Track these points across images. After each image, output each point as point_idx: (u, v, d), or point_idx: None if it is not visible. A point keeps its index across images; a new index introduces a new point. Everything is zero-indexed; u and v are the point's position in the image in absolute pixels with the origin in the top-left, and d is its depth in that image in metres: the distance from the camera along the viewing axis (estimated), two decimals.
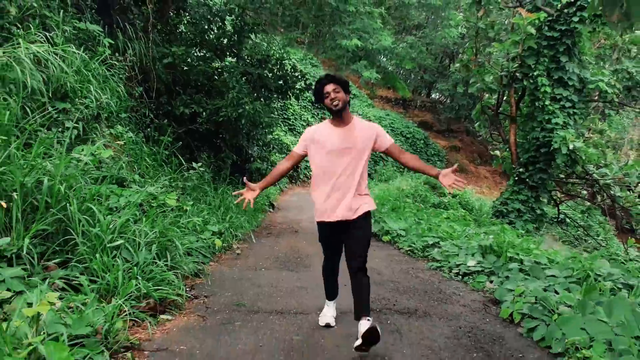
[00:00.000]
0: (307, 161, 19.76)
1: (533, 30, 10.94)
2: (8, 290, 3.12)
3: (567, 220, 14.75)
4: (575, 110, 11.10)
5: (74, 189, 4.11)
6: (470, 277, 5.30)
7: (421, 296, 4.62)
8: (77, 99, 5.82)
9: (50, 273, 3.53)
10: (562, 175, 12.66)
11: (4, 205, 3.53)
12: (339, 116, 3.30)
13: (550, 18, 10.98)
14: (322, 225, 3.43)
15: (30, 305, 2.83)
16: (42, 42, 5.61)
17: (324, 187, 3.32)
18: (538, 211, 11.40)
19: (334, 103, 3.24)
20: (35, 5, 5.90)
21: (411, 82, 35.34)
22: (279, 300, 4.25)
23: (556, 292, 4.03)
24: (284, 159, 3.53)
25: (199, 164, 7.70)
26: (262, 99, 10.48)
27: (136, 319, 3.36)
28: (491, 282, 4.95)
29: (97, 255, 3.62)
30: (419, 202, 15.68)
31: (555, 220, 14.71)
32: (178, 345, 3.15)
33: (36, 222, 3.64)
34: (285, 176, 3.51)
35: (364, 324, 3.05)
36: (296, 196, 17.54)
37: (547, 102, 10.87)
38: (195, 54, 9.83)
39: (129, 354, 2.88)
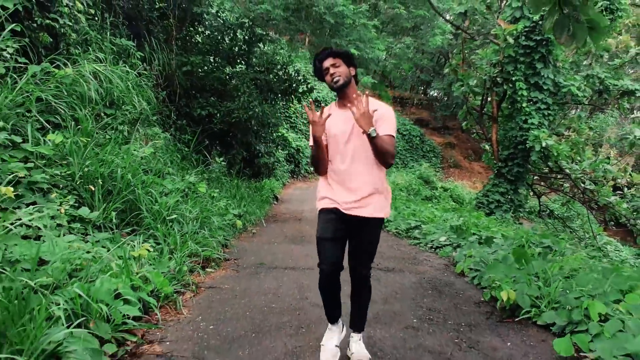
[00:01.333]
0: (308, 155, 21.23)
1: (511, 40, 12.32)
2: (103, 247, 4.52)
3: (548, 211, 16.17)
4: (549, 112, 12.51)
5: (136, 177, 5.51)
6: (441, 249, 6.72)
7: (399, 261, 6.05)
8: (122, 106, 7.22)
9: (124, 238, 4.94)
10: (545, 170, 14.05)
11: (92, 188, 4.94)
12: (343, 94, 2.89)
13: (526, 29, 12.36)
14: (327, 211, 2.89)
15: (120, 257, 4.22)
16: (94, 60, 7.01)
17: (331, 178, 2.93)
18: (516, 202, 12.83)
19: (334, 79, 2.83)
20: (91, 32, 7.30)
21: (408, 81, 36.73)
22: (290, 262, 5.67)
23: None
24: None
25: (221, 158, 9.10)
26: (269, 102, 11.86)
27: (191, 270, 4.76)
28: (455, 251, 6.36)
29: (159, 226, 5.02)
30: (412, 195, 17.13)
31: (541, 212, 16.15)
32: (223, 285, 4.56)
33: (112, 201, 5.04)
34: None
35: (358, 349, 3.01)
36: (298, 190, 18.96)
37: (524, 105, 12.28)
38: (210, 62, 11.20)
39: (193, 287, 4.29)
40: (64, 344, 2.40)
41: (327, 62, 2.85)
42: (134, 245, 4.32)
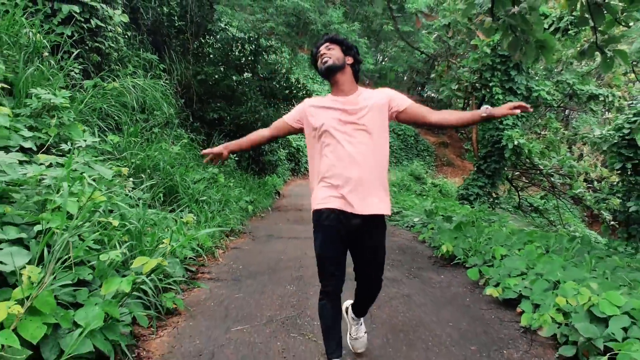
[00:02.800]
0: (305, 153, 23.06)
1: (488, 50, 14.00)
2: (152, 219, 6.20)
3: (526, 204, 17.88)
4: (522, 114, 14.19)
5: (173, 169, 7.19)
6: (414, 227, 8.41)
7: None
8: (153, 112, 8.90)
9: (167, 214, 6.62)
10: (525, 166, 15.73)
11: (143, 177, 6.62)
12: (335, 81, 2.58)
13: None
14: (326, 215, 2.53)
15: (175, 221, 5.88)
16: (130, 74, 8.69)
17: (330, 174, 2.54)
18: (493, 195, 14.52)
19: (323, 59, 2.55)
20: (129, 52, 9.00)
21: (404, 83, 38.43)
22: (293, 234, 7.36)
23: None
24: (266, 129, 2.86)
25: (234, 155, 10.79)
26: (272, 106, 13.55)
27: (219, 238, 6.45)
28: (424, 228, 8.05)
29: (193, 205, 6.71)
30: (403, 190, 18.83)
31: (520, 204, 17.84)
32: (243, 247, 6.26)
33: (157, 186, 6.72)
34: (260, 145, 2.96)
35: (358, 334, 3.05)
36: (298, 187, 20.62)
37: None
38: (220, 71, 12.88)
39: (223, 246, 5.98)
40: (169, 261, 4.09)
41: (322, 49, 2.59)
42: (181, 217, 6.01)
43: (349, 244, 2.61)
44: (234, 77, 13.11)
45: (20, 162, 3.71)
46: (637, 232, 11.68)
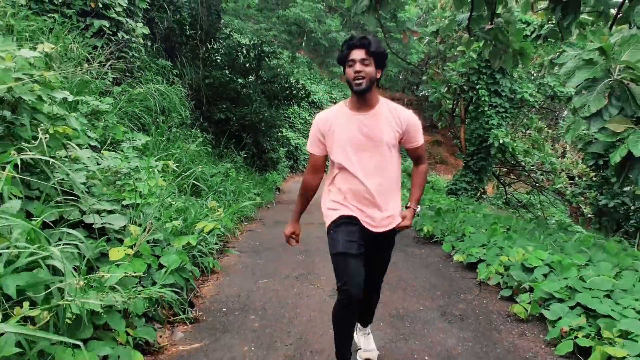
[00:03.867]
0: (305, 152, 24.29)
1: (474, 55, 15.23)
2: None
3: (514, 199, 19.13)
4: (507, 114, 15.43)
5: (194, 163, 8.37)
6: None
7: None
8: (171, 113, 10.08)
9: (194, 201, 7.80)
10: (510, 163, 16.99)
11: (169, 170, 7.80)
12: (362, 98, 2.49)
13: None
14: (343, 220, 2.58)
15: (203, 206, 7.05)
16: (151, 80, 9.86)
17: (339, 193, 2.64)
18: (480, 190, 15.76)
19: (357, 81, 2.41)
20: (146, 58, 10.17)
21: (399, 82, 39.68)
22: None
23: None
24: (307, 174, 2.82)
25: (243, 152, 11.99)
26: (274, 107, 14.74)
27: (237, 222, 7.63)
28: None
29: (212, 195, 7.89)
30: None
31: (507, 199, 19.10)
32: (257, 230, 7.45)
33: (181, 178, 7.90)
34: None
35: (367, 344, 3.03)
36: (297, 183, 21.77)
37: (486, 108, 15.19)
38: (227, 74, 14.04)
39: (241, 228, 7.18)
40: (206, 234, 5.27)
41: (356, 54, 2.41)
42: (206, 204, 7.21)
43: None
44: (239, 81, 14.27)
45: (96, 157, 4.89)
46: (608, 223, 12.95)
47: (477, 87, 15.38)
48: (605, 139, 4.18)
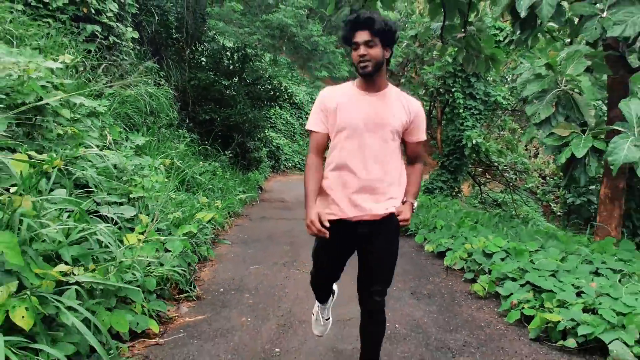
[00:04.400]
0: (286, 152, 24.71)
1: (450, 59, 15.95)
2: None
3: (489, 198, 19.94)
4: (481, 116, 16.19)
5: (183, 162, 8.87)
6: None
7: None
8: (159, 114, 10.56)
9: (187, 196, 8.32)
10: (484, 163, 17.77)
11: (162, 169, 8.31)
12: (370, 80, 2.37)
13: None
14: (329, 228, 2.30)
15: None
16: (142, 82, 10.33)
17: (340, 176, 2.43)
18: (455, 189, 16.50)
19: (362, 64, 2.29)
20: (136, 61, 10.64)
21: None
22: (281, 215, 9.13)
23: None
24: (311, 155, 2.50)
25: (228, 151, 12.50)
26: (257, 108, 15.26)
27: (226, 217, 8.17)
28: None
29: (202, 191, 8.41)
30: None
31: (482, 198, 19.88)
32: (244, 224, 8.01)
33: (175, 176, 8.41)
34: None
35: None
36: (278, 183, 22.31)
37: (461, 110, 15.92)
38: (211, 76, 14.52)
39: (229, 223, 7.73)
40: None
41: (360, 36, 2.26)
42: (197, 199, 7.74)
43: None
44: (223, 82, 14.76)
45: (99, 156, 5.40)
46: (575, 220, 13.74)
47: (453, 90, 16.10)
48: (552, 142, 4.83)
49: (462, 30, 9.35)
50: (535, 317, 3.67)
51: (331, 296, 2.99)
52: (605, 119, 6.00)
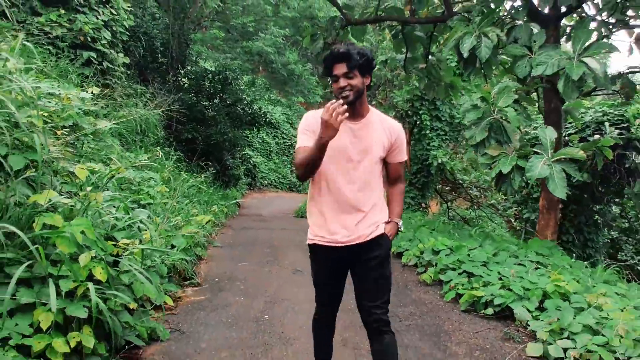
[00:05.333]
0: (262, 170, 25.79)
1: (417, 83, 17.29)
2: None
3: (457, 215, 21.26)
4: (446, 137, 17.54)
5: (172, 177, 9.86)
6: None
7: None
8: (148, 133, 11.54)
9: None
10: (450, 181, 19.11)
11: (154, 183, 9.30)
12: (351, 108, 2.38)
13: None
14: (320, 250, 2.59)
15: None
16: (132, 104, 11.32)
17: (327, 202, 2.54)
18: (423, 205, 17.76)
19: (343, 94, 2.37)
20: (127, 84, 11.65)
21: None
22: (261, 226, 10.16)
23: None
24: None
25: (212, 168, 13.50)
26: (237, 128, 16.33)
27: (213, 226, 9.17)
28: None
29: (190, 203, 9.40)
30: None
31: (448, 214, 21.18)
32: (227, 233, 9.02)
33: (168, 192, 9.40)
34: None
35: None
36: (255, 200, 23.31)
37: (428, 131, 17.24)
38: (194, 98, 15.55)
39: (215, 231, 8.74)
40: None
41: (339, 70, 2.37)
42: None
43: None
44: (204, 103, 15.80)
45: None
46: (531, 232, 15.01)
47: (420, 112, 17.43)
48: (485, 161, 6.02)
49: (425, 61, 10.60)
50: (465, 294, 4.79)
51: None
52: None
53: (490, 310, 4.54)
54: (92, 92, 5.28)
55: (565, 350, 3.61)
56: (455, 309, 4.80)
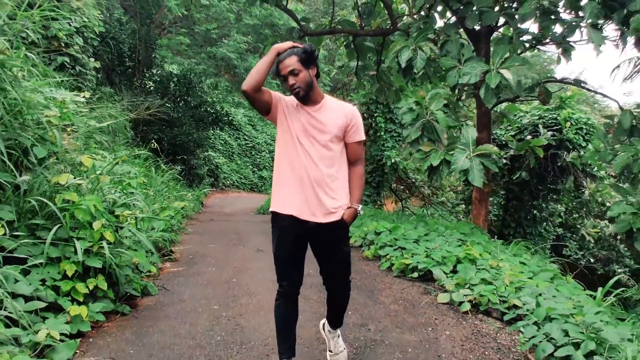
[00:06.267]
0: (225, 170, 26.63)
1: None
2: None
3: (410, 212, 22.63)
4: (400, 138, 18.82)
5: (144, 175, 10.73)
6: None
7: None
8: (117, 134, 12.36)
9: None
10: (404, 179, 20.42)
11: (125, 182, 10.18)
12: (306, 99, 2.71)
13: None
14: (279, 219, 2.79)
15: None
16: (105, 106, 12.13)
17: (288, 181, 2.76)
18: (378, 202, 19.02)
19: (295, 90, 2.65)
20: (97, 87, 12.44)
21: None
22: (225, 218, 11.13)
23: None
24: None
25: (179, 166, 14.37)
26: (201, 129, 17.22)
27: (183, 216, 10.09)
28: None
29: (161, 198, 10.31)
30: None
31: (403, 211, 22.51)
32: (196, 224, 9.98)
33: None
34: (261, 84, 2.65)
35: (337, 346, 3.17)
36: (217, 199, 24.11)
37: (382, 133, 18.51)
38: (159, 100, 16.37)
39: (184, 222, 9.69)
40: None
41: (285, 67, 2.62)
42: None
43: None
44: (169, 105, 16.64)
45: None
46: None
47: (375, 115, 18.68)
48: (419, 156, 7.20)
49: (376, 68, 11.78)
50: (396, 263, 5.94)
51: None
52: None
53: (415, 274, 5.70)
54: (83, 96, 6.15)
55: (465, 296, 4.78)
56: (389, 275, 5.94)
